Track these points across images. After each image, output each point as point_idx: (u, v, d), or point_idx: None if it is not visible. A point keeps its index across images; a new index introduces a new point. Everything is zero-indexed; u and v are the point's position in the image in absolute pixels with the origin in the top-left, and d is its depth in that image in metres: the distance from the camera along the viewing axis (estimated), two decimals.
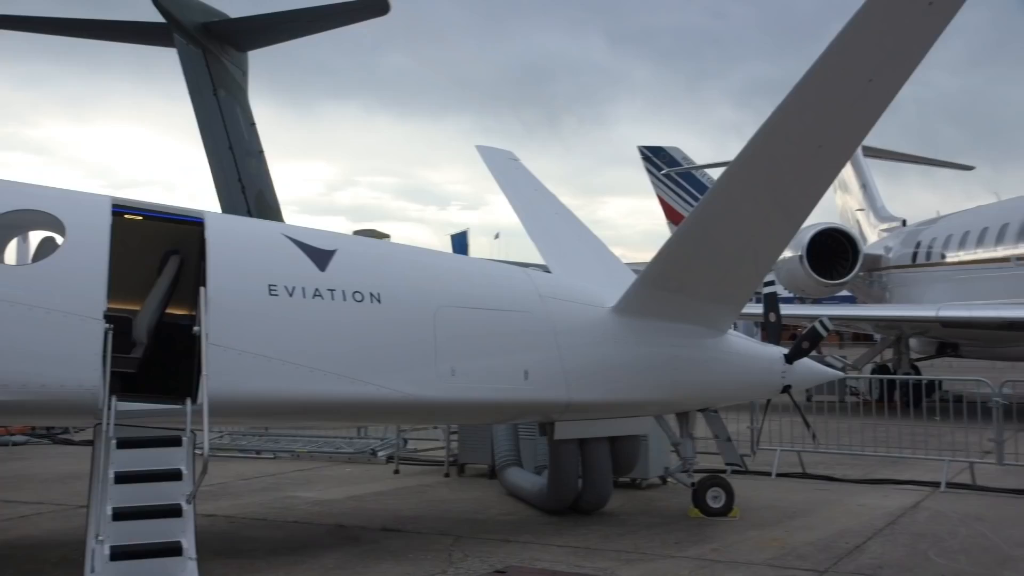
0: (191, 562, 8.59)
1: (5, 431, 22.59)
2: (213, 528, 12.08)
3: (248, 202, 22.47)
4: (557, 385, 11.62)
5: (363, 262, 11.33)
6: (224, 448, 19.88)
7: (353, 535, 11.87)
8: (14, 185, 10.60)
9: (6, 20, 23.65)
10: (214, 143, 22.56)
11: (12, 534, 12.02)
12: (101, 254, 9.63)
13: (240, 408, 10.24)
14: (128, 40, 24.37)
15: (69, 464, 18.29)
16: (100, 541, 8.41)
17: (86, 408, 9.30)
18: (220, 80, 22.33)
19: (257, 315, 10.17)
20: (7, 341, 8.99)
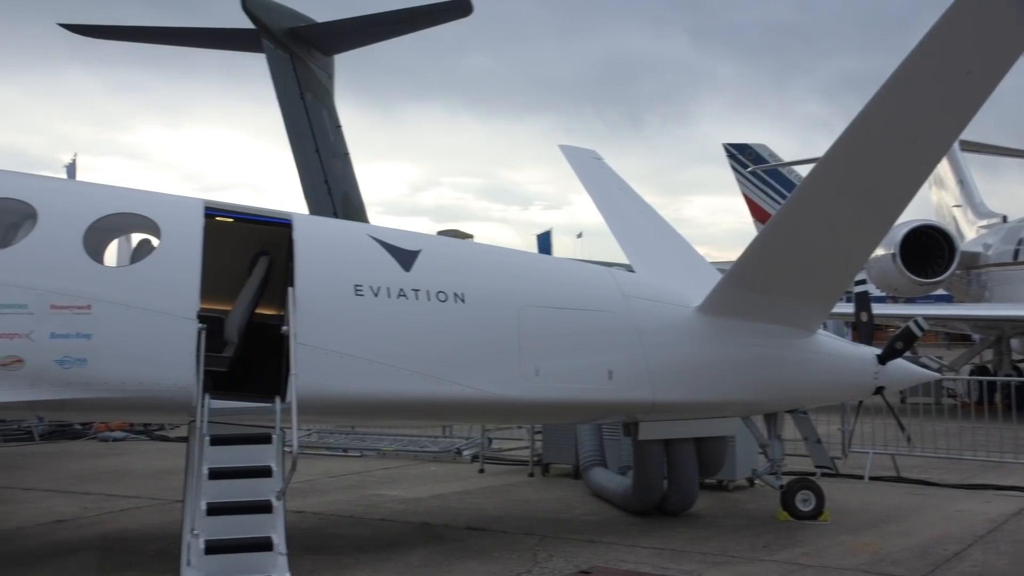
0: (281, 557, 8.76)
1: (105, 427, 23.39)
2: (302, 524, 12.29)
3: (334, 203, 22.81)
4: (641, 385, 11.52)
5: (447, 262, 11.40)
6: (312, 446, 20.23)
7: (438, 533, 11.95)
8: (113, 189, 10.97)
9: (104, 30, 24.46)
10: (301, 146, 22.95)
11: (112, 527, 12.42)
12: (195, 256, 9.89)
13: (327, 406, 10.40)
14: (219, 47, 24.97)
15: (165, 460, 18.82)
16: (195, 535, 8.62)
17: (180, 406, 9.57)
18: (307, 84, 22.72)
19: (343, 315, 10.32)
20: (108, 340, 9.29)
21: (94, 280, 9.51)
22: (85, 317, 9.27)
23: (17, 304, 9.09)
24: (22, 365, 9.02)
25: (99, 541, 11.45)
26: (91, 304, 9.31)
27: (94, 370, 9.24)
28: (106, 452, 21.02)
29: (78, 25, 23.76)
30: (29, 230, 9.56)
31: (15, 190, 10.08)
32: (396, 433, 21.14)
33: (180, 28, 24.46)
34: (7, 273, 9.18)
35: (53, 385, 9.15)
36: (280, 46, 22.38)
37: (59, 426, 23.57)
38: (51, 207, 9.79)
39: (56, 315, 9.18)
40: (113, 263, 11.05)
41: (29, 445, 22.29)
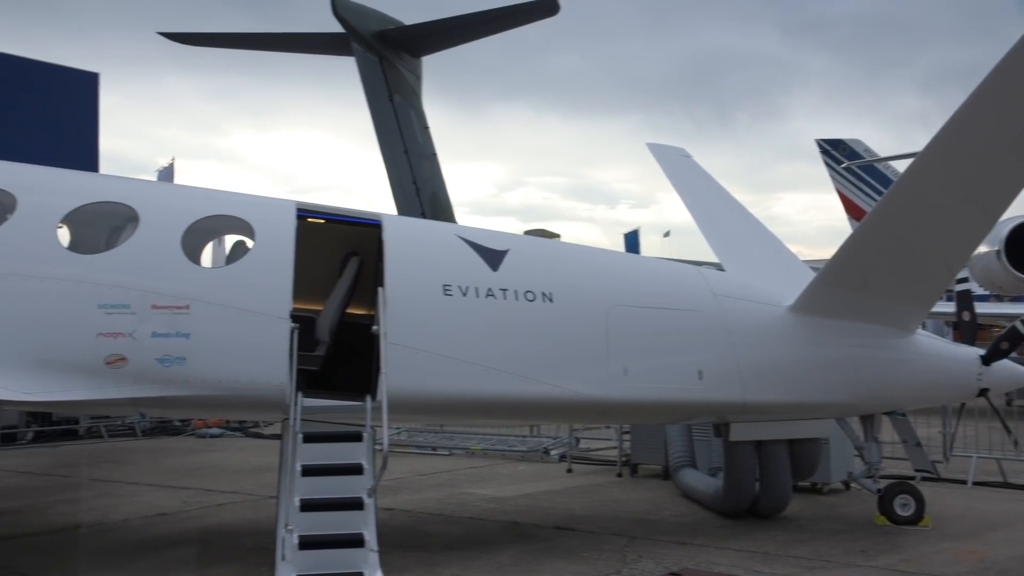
0: (373, 554, 8.86)
1: (203, 424, 24.08)
2: (392, 521, 12.43)
3: (422, 204, 23.05)
4: (732, 385, 11.34)
5: (535, 262, 11.39)
6: (401, 444, 20.46)
7: (527, 532, 11.96)
8: (209, 192, 11.26)
9: (200, 37, 25.17)
10: (390, 147, 23.25)
11: (211, 521, 12.76)
12: (287, 257, 10.09)
13: (417, 405, 10.49)
14: (310, 51, 25.45)
15: (259, 456, 19.28)
16: (289, 530, 8.78)
17: (274, 403, 9.77)
18: (395, 86, 23.00)
19: (432, 314, 10.40)
20: (205, 340, 9.54)
21: (192, 281, 9.77)
22: (184, 317, 9.53)
23: (121, 304, 9.40)
24: (126, 363, 9.32)
25: (198, 535, 11.78)
26: (189, 304, 9.57)
27: (192, 368, 9.50)
28: (203, 448, 21.63)
29: (176, 33, 24.50)
30: (131, 233, 9.87)
31: (118, 194, 10.43)
32: (484, 432, 21.25)
33: (273, 34, 25.02)
34: (112, 274, 9.49)
35: (154, 383, 9.43)
36: (369, 49, 22.71)
37: (160, 423, 24.36)
38: (152, 210, 10.10)
39: (157, 315, 9.46)
40: (209, 264, 11.33)
41: (132, 440, 23.09)
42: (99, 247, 10.01)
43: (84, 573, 9.20)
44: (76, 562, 10.11)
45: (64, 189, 10.38)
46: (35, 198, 9.87)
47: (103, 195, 10.46)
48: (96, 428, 23.42)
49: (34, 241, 9.55)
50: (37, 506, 13.89)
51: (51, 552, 10.82)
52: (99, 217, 10.46)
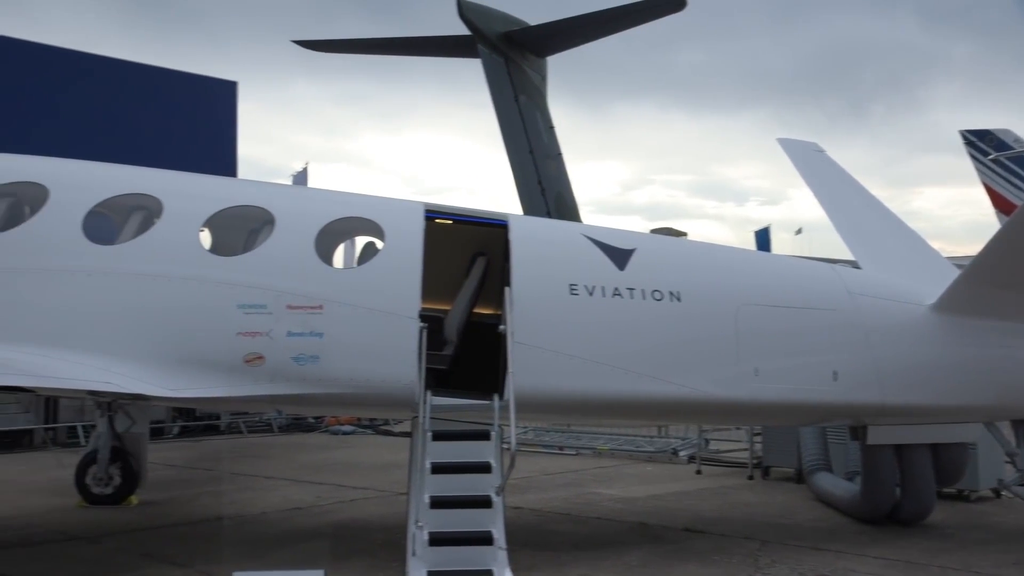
0: (502, 552, 8.90)
1: (335, 421, 24.76)
2: (520, 520, 12.48)
3: (548, 203, 23.08)
4: (869, 387, 10.92)
5: (662, 260, 11.24)
6: (529, 443, 20.54)
7: (655, 534, 11.81)
8: (340, 195, 11.54)
9: (332, 44, 25.86)
10: (515, 147, 23.37)
11: (343, 515, 13.08)
12: (416, 257, 10.24)
13: (544, 404, 10.49)
14: (437, 54, 25.82)
15: (389, 453, 19.69)
16: (420, 527, 8.91)
17: (404, 402, 9.93)
18: (521, 86, 23.10)
19: (559, 314, 10.38)
20: (338, 339, 9.77)
21: (325, 281, 10.03)
22: (318, 316, 9.79)
23: (258, 305, 9.73)
24: (263, 362, 9.64)
25: (332, 528, 12.08)
26: (323, 305, 9.83)
27: (326, 367, 9.75)
28: (336, 445, 22.23)
29: (309, 41, 25.25)
30: (268, 235, 10.21)
31: (256, 198, 10.80)
32: (611, 432, 21.15)
33: (400, 38, 25.49)
34: (250, 275, 9.83)
35: (290, 381, 9.72)
36: (495, 50, 22.88)
37: (295, 419, 25.18)
38: (287, 213, 10.42)
39: (292, 315, 9.75)
40: (341, 265, 11.60)
41: (269, 436, 23.94)
42: (238, 249, 10.38)
43: (226, 563, 9.55)
44: (219, 552, 10.52)
45: (205, 194, 10.82)
46: (179, 203, 10.31)
47: (241, 199, 10.85)
48: (236, 424, 24.38)
49: (178, 244, 9.98)
50: (183, 498, 14.53)
51: (196, 541, 11.29)
52: (238, 220, 10.85)
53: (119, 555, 10.53)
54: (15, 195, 10.25)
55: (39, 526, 12.17)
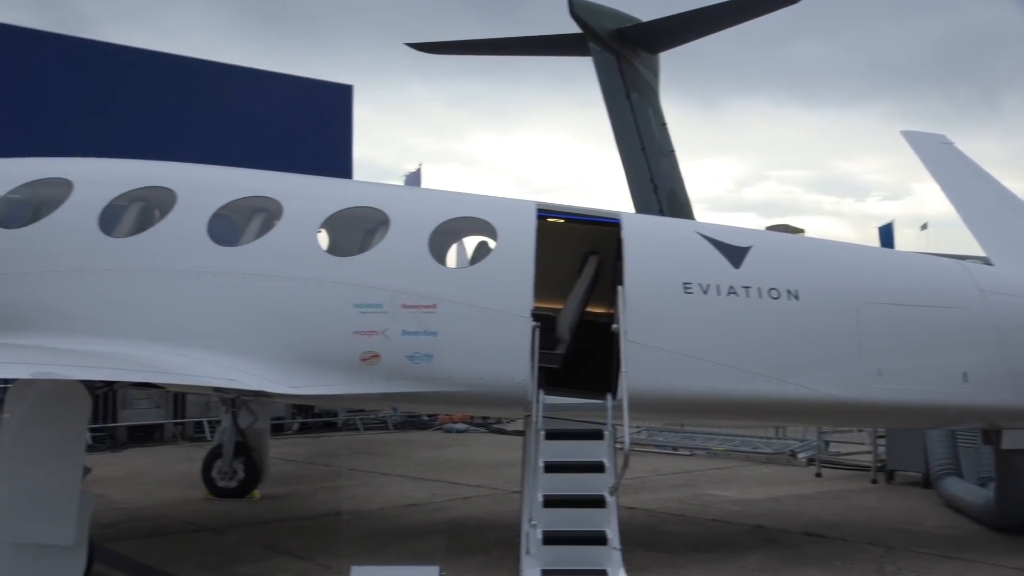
0: (616, 552, 8.83)
1: (449, 419, 25.04)
2: (634, 520, 12.37)
3: (660, 201, 22.81)
4: (1003, 389, 10.42)
5: (779, 258, 10.96)
6: (642, 443, 20.38)
7: (774, 537, 11.54)
8: (453, 195, 11.65)
9: (444, 46, 26.14)
10: (627, 145, 23.17)
11: (458, 512, 13.21)
12: (528, 256, 10.25)
13: (657, 404, 10.36)
14: (547, 53, 25.83)
15: (502, 452, 19.79)
16: (533, 525, 8.92)
17: (517, 400, 9.96)
18: (633, 83, 22.90)
19: (672, 313, 10.24)
20: (451, 338, 9.86)
21: (439, 281, 10.14)
22: (432, 316, 9.90)
23: (374, 304, 9.90)
24: (379, 360, 9.80)
25: (446, 525, 12.22)
26: (437, 304, 9.93)
27: (439, 365, 9.85)
28: (450, 442, 22.48)
29: (422, 44, 25.58)
30: (383, 235, 10.38)
31: (372, 199, 10.99)
32: (727, 433, 20.79)
33: (512, 38, 25.57)
34: (367, 275, 10.01)
35: (404, 379, 9.85)
36: (606, 48, 22.74)
37: (409, 417, 25.58)
38: (401, 214, 10.57)
39: (407, 314, 9.89)
40: (454, 265, 11.71)
41: (384, 434, 24.37)
42: (354, 250, 10.58)
43: (345, 556, 9.76)
44: (338, 546, 10.76)
45: (323, 196, 11.06)
46: (298, 204, 10.58)
47: (357, 200, 11.06)
48: (352, 421, 24.91)
49: (297, 245, 10.24)
50: (303, 492, 14.92)
51: (316, 535, 11.57)
52: (354, 221, 11.06)
53: (243, 546, 10.87)
54: (146, 199, 10.69)
55: (169, 517, 12.68)
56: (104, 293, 9.95)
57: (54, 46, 23.97)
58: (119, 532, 11.43)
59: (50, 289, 9.99)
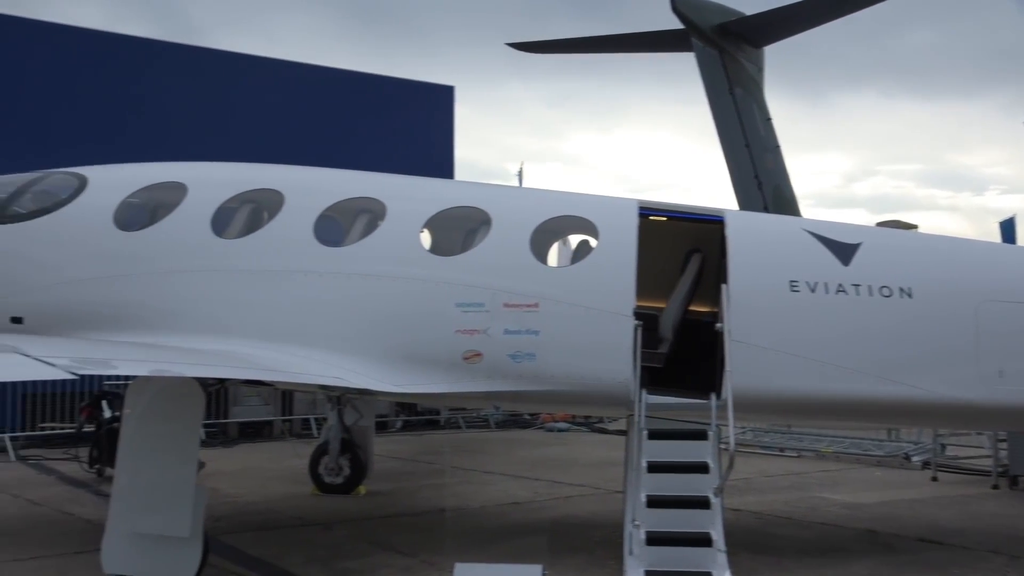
0: (721, 554, 8.69)
1: (550, 418, 25.04)
2: (740, 522, 12.15)
3: (765, 198, 22.37)
4: None
5: (891, 255, 10.62)
6: (746, 444, 20.01)
7: (886, 543, 11.19)
8: (554, 194, 11.65)
9: (544, 45, 26.14)
10: (730, 141, 22.79)
11: (560, 512, 13.20)
12: (630, 255, 10.17)
13: (763, 405, 10.17)
14: (649, 50, 25.57)
15: (604, 451, 19.69)
16: (636, 526, 8.84)
17: (619, 400, 9.89)
18: (736, 78, 22.50)
19: (779, 311, 10.03)
20: (553, 337, 9.85)
21: (540, 280, 10.14)
22: (533, 315, 9.91)
23: (476, 303, 9.96)
24: (481, 359, 9.86)
25: (549, 524, 12.21)
26: (538, 303, 9.94)
27: (541, 364, 9.85)
28: (551, 441, 22.47)
29: (523, 43, 25.64)
30: (485, 235, 10.44)
31: (473, 199, 11.07)
32: (835, 434, 20.23)
33: (613, 36, 25.40)
34: (469, 274, 10.09)
35: (506, 378, 9.89)
36: (709, 43, 22.40)
37: (511, 416, 25.67)
38: (503, 213, 10.61)
39: (509, 313, 9.92)
40: (556, 264, 11.70)
41: (486, 432, 24.52)
42: (456, 249, 10.67)
43: (449, 553, 9.84)
44: (442, 542, 10.86)
45: (425, 196, 11.20)
46: (401, 205, 10.73)
47: (459, 200, 11.15)
48: (455, 419, 25.13)
49: (401, 245, 10.38)
50: (407, 489, 15.13)
51: (420, 532, 11.72)
52: (456, 221, 11.15)
53: (349, 541, 11.08)
54: (255, 201, 10.99)
55: (278, 511, 13.01)
56: (216, 293, 10.27)
57: (175, 55, 24.88)
58: (231, 525, 11.78)
59: (166, 289, 10.36)
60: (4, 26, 22.68)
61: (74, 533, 11.26)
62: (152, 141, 22.09)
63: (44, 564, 9.72)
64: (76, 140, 21.02)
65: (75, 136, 21.68)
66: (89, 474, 15.86)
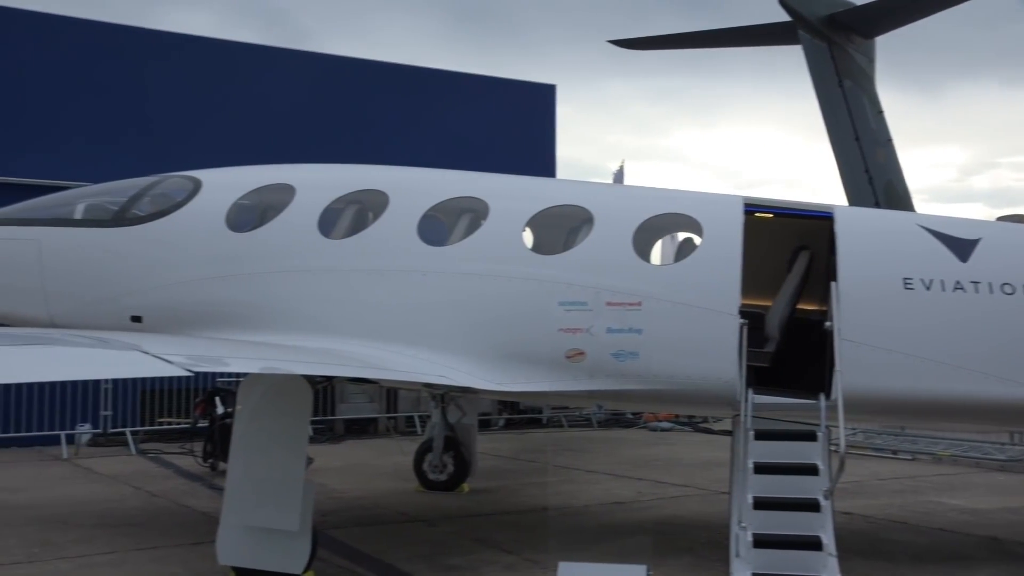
0: (832, 559, 8.46)
1: (653, 417, 24.82)
2: (851, 526, 11.82)
3: (876, 193, 21.70)
4: None
5: (1013, 251, 10.18)
6: (857, 445, 19.46)
7: (1011, 551, 10.73)
8: (657, 191, 11.53)
9: (647, 42, 25.90)
10: (839, 135, 22.17)
11: (664, 512, 13.07)
12: (735, 252, 9.99)
13: (875, 405, 9.87)
14: (754, 44, 25.08)
15: (709, 451, 19.41)
16: (743, 528, 8.68)
17: (724, 399, 9.74)
18: (845, 70, 21.89)
19: (892, 310, 9.72)
20: (656, 335, 9.75)
21: (643, 278, 10.04)
22: (636, 313, 9.82)
23: (579, 302, 9.93)
24: (584, 358, 9.82)
25: (652, 525, 12.11)
26: (642, 301, 9.85)
27: (645, 363, 9.75)
28: (654, 441, 22.27)
29: (625, 40, 25.46)
30: (587, 233, 10.40)
31: (575, 197, 11.04)
32: (953, 437, 19.49)
33: (716, 31, 25.01)
34: (570, 273, 10.06)
35: (609, 376, 9.83)
36: (817, 35, 21.85)
37: (613, 414, 25.53)
38: (605, 211, 10.55)
39: (611, 311, 9.85)
40: (659, 262, 11.58)
41: (588, 431, 24.45)
42: (558, 248, 10.65)
43: (552, 552, 9.85)
44: (545, 541, 10.87)
45: (527, 195, 11.22)
46: (504, 204, 10.77)
47: (561, 199, 11.13)
48: (557, 418, 25.13)
49: (503, 243, 10.42)
50: (510, 487, 15.19)
51: (524, 530, 11.76)
52: (558, 219, 11.14)
53: (454, 538, 11.18)
54: (360, 202, 11.20)
55: (384, 507, 13.23)
56: (322, 292, 10.50)
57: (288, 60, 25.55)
58: (338, 520, 12.03)
59: (274, 289, 10.64)
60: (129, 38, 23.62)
61: (190, 525, 11.66)
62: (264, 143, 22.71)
63: (164, 554, 10.10)
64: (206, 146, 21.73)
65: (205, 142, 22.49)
66: (203, 468, 16.41)
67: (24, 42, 22.03)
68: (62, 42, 22.46)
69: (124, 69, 23.00)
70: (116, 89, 22.77)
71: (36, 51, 22.07)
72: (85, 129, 22.17)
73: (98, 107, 22.46)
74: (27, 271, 11.55)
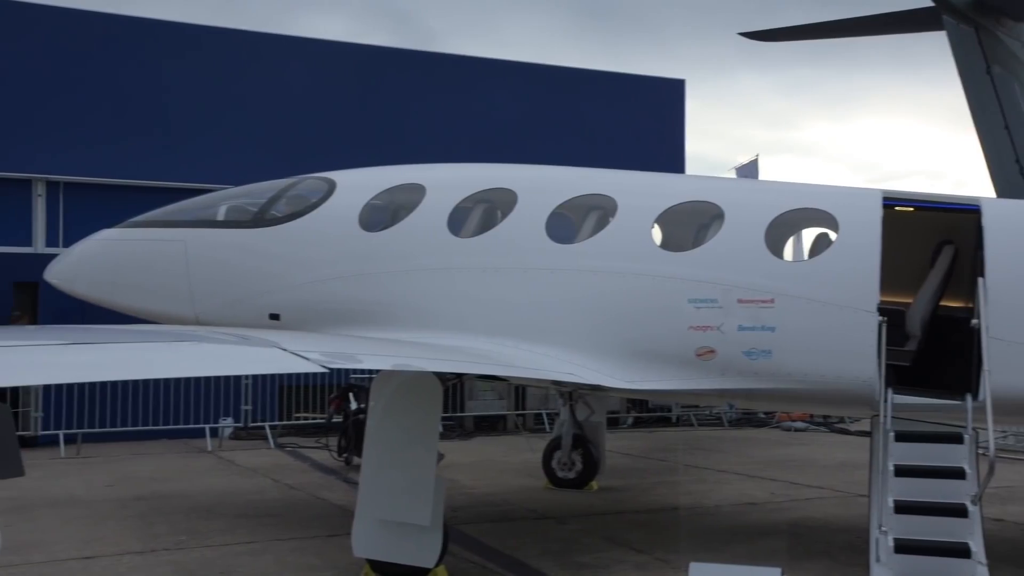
0: (981, 567, 8.07)
1: (787, 417, 24.22)
2: (1002, 534, 11.27)
3: None
4: None
5: None
6: (1009, 449, 18.52)
7: None
8: (790, 186, 11.22)
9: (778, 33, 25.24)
10: (987, 124, 21.11)
11: (799, 514, 12.73)
12: (873, 248, 9.64)
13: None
14: (894, 31, 24.12)
15: (846, 452, 18.82)
16: (883, 532, 8.37)
17: (862, 399, 9.41)
18: (994, 56, 20.81)
19: None
20: (790, 333, 9.51)
21: (776, 275, 9.80)
22: (769, 311, 9.59)
23: (709, 299, 9.77)
24: (714, 356, 9.66)
25: (787, 526, 11.81)
26: (774, 298, 9.62)
27: (778, 362, 9.52)
28: (788, 441, 21.73)
29: (755, 32, 24.89)
30: (717, 229, 10.21)
31: (705, 193, 10.86)
32: None
33: (853, 19, 24.17)
34: (701, 270, 9.91)
35: (741, 375, 9.64)
36: (963, 19, 20.86)
37: (745, 414, 25.04)
38: (736, 206, 10.34)
39: (743, 309, 9.65)
40: (792, 258, 11.28)
41: (719, 430, 24.04)
42: (687, 244, 10.51)
43: (684, 552, 9.73)
44: (676, 541, 10.75)
45: (656, 191, 11.10)
46: (632, 200, 10.68)
47: (691, 195, 10.97)
48: (686, 416, 24.82)
49: (632, 241, 10.34)
50: (640, 486, 15.08)
51: (654, 529, 11.65)
52: (687, 216, 10.99)
53: (583, 536, 11.17)
54: (489, 201, 11.30)
55: (513, 503, 13.32)
56: (452, 290, 10.64)
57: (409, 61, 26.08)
58: (468, 516, 12.18)
59: (405, 287, 10.85)
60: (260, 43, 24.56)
61: (326, 517, 12.02)
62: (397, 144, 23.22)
63: (302, 545, 10.44)
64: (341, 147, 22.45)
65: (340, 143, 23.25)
66: (338, 462, 16.89)
67: (162, 55, 23.26)
68: (204, 52, 23.60)
69: (260, 76, 24.02)
70: (252, 98, 23.81)
71: (173, 62, 23.27)
72: (227, 135, 23.25)
73: (243, 116, 23.56)
74: (175, 271, 12.12)
